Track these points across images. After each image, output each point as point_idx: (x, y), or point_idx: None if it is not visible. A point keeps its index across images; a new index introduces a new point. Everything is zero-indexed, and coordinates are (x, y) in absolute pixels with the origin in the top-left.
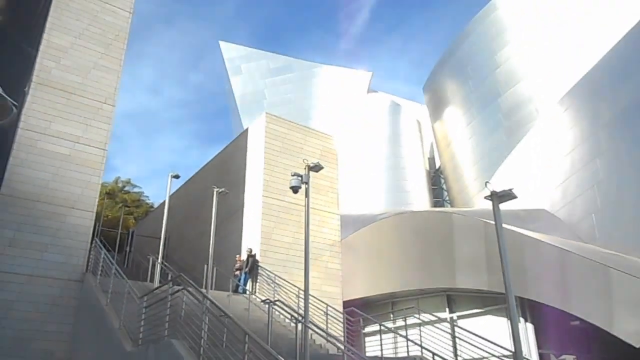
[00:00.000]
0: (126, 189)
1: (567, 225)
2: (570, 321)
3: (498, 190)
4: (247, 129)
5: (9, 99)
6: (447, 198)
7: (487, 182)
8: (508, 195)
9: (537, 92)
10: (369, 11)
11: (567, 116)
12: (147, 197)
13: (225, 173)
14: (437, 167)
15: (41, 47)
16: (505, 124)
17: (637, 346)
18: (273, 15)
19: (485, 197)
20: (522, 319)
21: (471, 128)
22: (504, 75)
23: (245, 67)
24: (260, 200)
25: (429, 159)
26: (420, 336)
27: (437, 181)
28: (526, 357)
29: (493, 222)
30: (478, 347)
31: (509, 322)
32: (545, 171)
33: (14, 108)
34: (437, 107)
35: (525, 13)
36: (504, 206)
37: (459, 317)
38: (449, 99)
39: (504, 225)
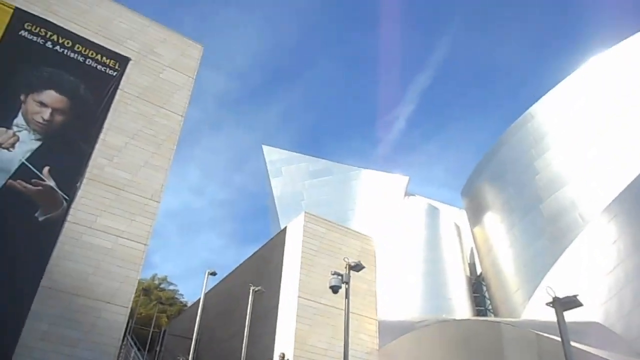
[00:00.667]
0: (162, 286)
1: (625, 340)
2: None
3: (561, 296)
4: (285, 228)
5: (60, 192)
6: (490, 307)
7: (549, 287)
8: (573, 302)
9: (581, 198)
10: (405, 120)
11: (614, 225)
12: (182, 295)
13: (261, 272)
14: (478, 273)
15: (96, 146)
16: (548, 230)
17: None
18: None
19: (547, 304)
20: None
21: (513, 234)
22: (545, 182)
23: (286, 169)
24: (296, 300)
25: (469, 264)
26: None
27: (478, 288)
28: None
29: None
30: None
31: None
32: (596, 281)
33: (64, 202)
34: (476, 212)
35: (563, 121)
36: (549, 317)
37: None
38: (488, 205)
39: (555, 338)
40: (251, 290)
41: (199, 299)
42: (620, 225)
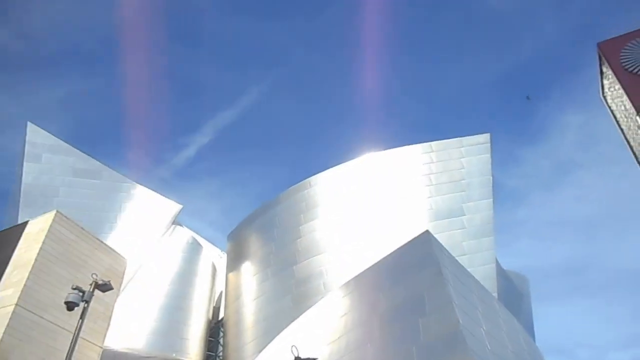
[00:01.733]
0: None
1: None
2: None
3: (303, 357)
4: (26, 222)
5: None
6: (221, 354)
7: (294, 346)
8: None
9: (329, 269)
10: (196, 149)
11: (348, 299)
12: None
13: None
14: (219, 318)
15: None
16: (295, 291)
17: None
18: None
19: None
20: None
21: (263, 288)
22: (304, 246)
23: (48, 157)
24: (11, 309)
25: (214, 307)
26: None
27: (215, 333)
28: None
29: None
30: None
31: None
32: (321, 347)
33: None
34: (236, 258)
35: (334, 198)
36: None
37: None
38: (249, 254)
39: None
40: None
41: None
42: (351, 301)
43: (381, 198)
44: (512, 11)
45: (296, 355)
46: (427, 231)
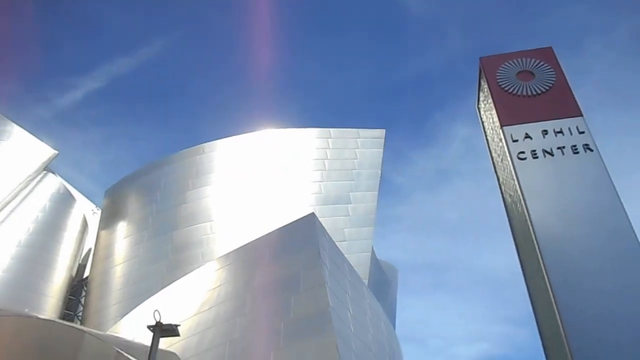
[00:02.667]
0: None
1: None
2: None
3: (164, 322)
4: None
5: None
6: (80, 314)
7: (156, 310)
8: (172, 331)
9: (210, 239)
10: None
11: (223, 272)
12: None
13: None
14: (84, 276)
15: None
16: (171, 258)
17: None
18: None
19: (149, 327)
20: None
21: (136, 250)
22: (188, 213)
23: None
24: None
25: (79, 265)
26: None
27: (77, 292)
28: None
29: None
30: None
31: None
32: (188, 317)
33: None
34: (111, 216)
35: (227, 168)
36: (131, 338)
37: None
38: (127, 214)
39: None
40: None
41: None
42: (228, 274)
43: (273, 175)
44: (427, 18)
45: (157, 320)
46: (312, 214)
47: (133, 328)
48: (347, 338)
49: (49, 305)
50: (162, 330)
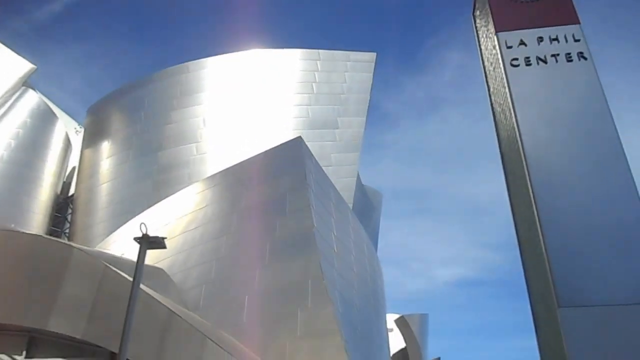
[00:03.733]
0: None
1: (178, 290)
2: None
3: (152, 235)
4: None
5: None
6: (67, 231)
7: (143, 223)
8: (159, 243)
9: (197, 159)
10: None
11: (210, 193)
12: None
13: None
14: (69, 194)
15: None
16: (156, 177)
17: None
18: None
19: (135, 239)
20: None
21: (121, 169)
22: (173, 133)
23: None
24: None
25: (64, 182)
26: None
27: (63, 209)
28: None
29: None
30: None
31: None
32: (176, 235)
33: None
34: (95, 134)
35: (213, 89)
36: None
37: None
38: (111, 132)
39: (123, 274)
40: None
41: None
42: (214, 194)
43: (260, 96)
44: None
45: (144, 232)
46: (299, 137)
47: (120, 245)
48: (330, 257)
49: (35, 222)
50: (149, 242)
